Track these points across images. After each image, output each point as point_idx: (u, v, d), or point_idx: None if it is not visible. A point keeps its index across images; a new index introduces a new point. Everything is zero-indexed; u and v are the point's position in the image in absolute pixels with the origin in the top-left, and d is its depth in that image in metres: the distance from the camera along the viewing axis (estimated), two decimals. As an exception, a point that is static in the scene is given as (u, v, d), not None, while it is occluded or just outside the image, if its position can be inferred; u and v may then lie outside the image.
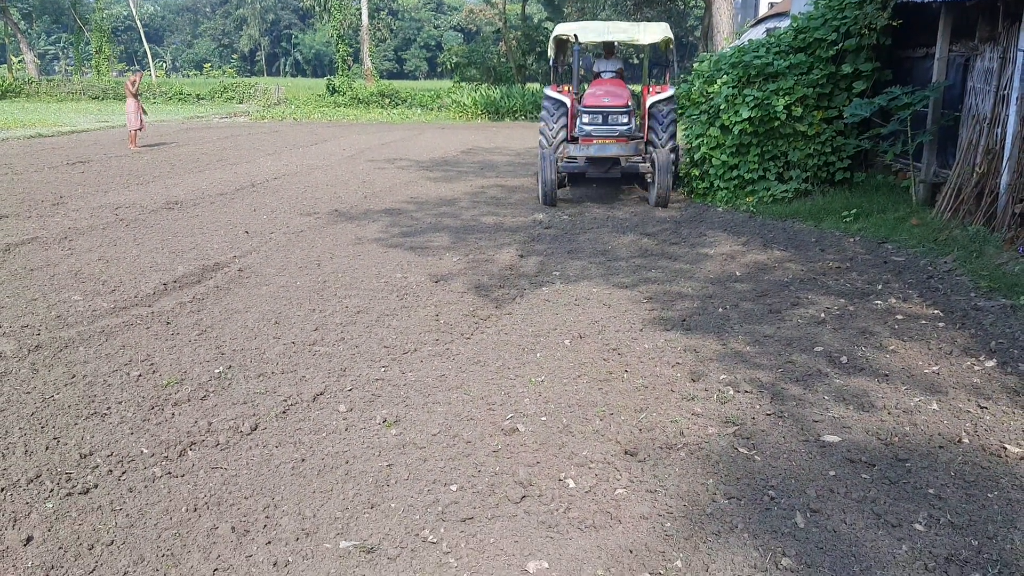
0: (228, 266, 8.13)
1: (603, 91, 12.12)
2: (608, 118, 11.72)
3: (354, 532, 3.49)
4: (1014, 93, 8.38)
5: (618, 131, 11.75)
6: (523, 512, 3.64)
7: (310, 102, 41.06)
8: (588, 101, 11.86)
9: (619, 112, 11.76)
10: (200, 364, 5.48)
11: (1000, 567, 3.21)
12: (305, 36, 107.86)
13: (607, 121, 11.73)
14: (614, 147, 11.72)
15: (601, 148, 11.71)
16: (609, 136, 11.75)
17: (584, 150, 11.76)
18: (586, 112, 11.79)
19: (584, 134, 11.78)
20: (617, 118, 11.75)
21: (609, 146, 11.72)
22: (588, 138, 11.78)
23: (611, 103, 11.75)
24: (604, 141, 11.72)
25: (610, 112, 11.71)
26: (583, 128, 11.80)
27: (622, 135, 11.79)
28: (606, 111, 11.73)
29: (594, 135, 11.75)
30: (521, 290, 7.30)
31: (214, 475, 4.01)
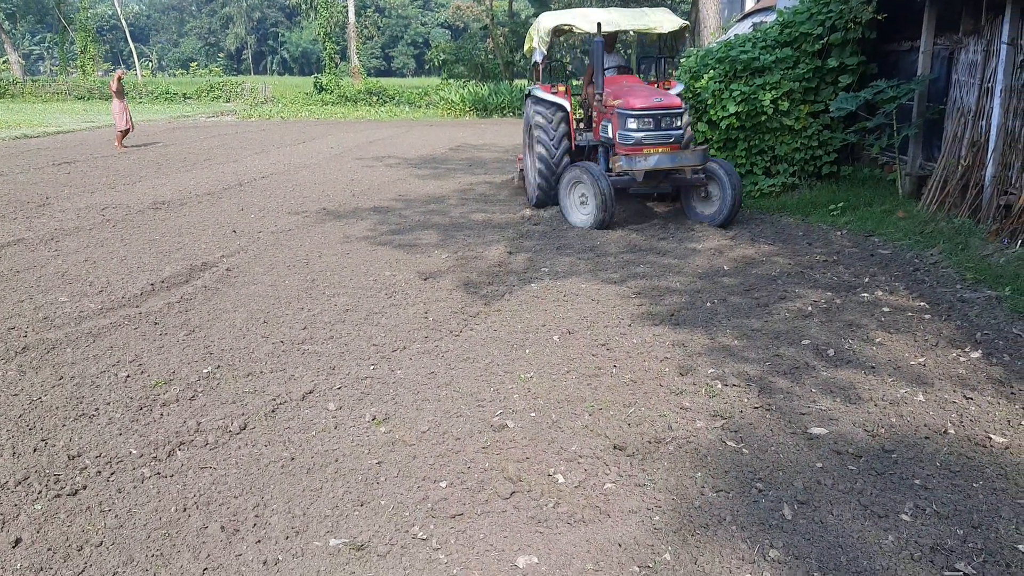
0: (216, 266, 8.11)
1: (644, 90, 10.04)
2: (662, 122, 9.55)
3: (344, 530, 3.50)
4: (998, 86, 8.43)
5: (673, 137, 9.58)
6: (512, 508, 3.65)
7: (297, 100, 40.94)
8: (636, 102, 9.51)
9: (675, 114, 9.59)
10: (188, 364, 5.47)
11: (985, 556, 3.24)
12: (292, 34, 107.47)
13: (661, 126, 9.56)
14: (679, 157, 9.50)
15: (663, 159, 9.43)
16: (664, 144, 9.54)
17: (641, 162, 9.44)
18: (635, 116, 9.50)
19: (632, 143, 9.53)
20: (672, 122, 9.60)
21: (674, 156, 9.49)
22: (638, 148, 9.52)
23: (666, 104, 9.53)
24: (658, 151, 9.48)
25: (664, 115, 9.53)
26: (629, 136, 9.55)
27: (676, 142, 9.64)
28: (660, 114, 9.51)
29: (645, 143, 9.50)
30: (510, 286, 7.31)
31: (203, 475, 4.01)
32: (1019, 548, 3.28)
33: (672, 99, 9.57)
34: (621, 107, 9.65)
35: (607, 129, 10.07)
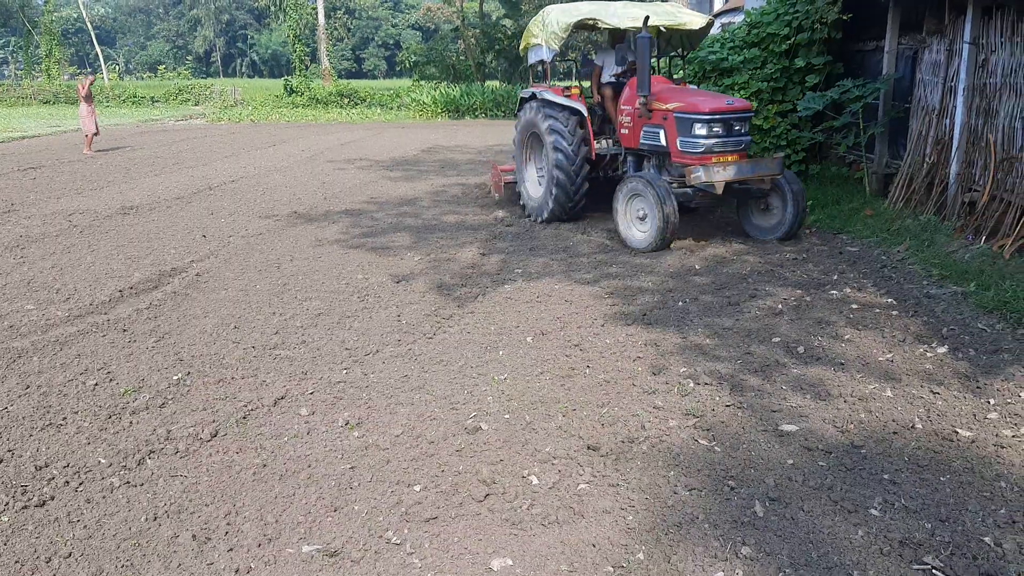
0: (185, 271, 8.03)
1: (699, 92, 9.33)
2: (734, 127, 8.53)
3: (317, 536, 3.48)
4: (961, 85, 8.56)
5: (743, 144, 8.64)
6: (487, 510, 3.65)
7: (268, 103, 40.63)
8: (704, 105, 8.46)
9: (745, 118, 8.66)
10: (158, 371, 5.41)
11: (952, 548, 3.29)
12: (261, 36, 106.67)
13: (732, 131, 8.53)
14: (758, 166, 8.52)
15: (742, 168, 8.39)
16: (735, 151, 8.58)
17: (719, 173, 8.30)
18: (704, 121, 8.42)
19: (700, 151, 8.46)
20: (743, 127, 8.66)
21: (752, 165, 8.51)
22: (705, 156, 8.48)
23: (738, 107, 8.52)
24: (728, 159, 8.49)
25: (736, 119, 8.53)
26: (697, 144, 8.46)
27: (746, 148, 8.75)
28: (732, 118, 8.50)
29: (715, 151, 8.48)
30: (483, 288, 7.31)
31: (174, 483, 3.97)
32: (985, 540, 3.34)
33: (743, 101, 8.62)
34: (684, 110, 8.52)
35: (656, 136, 8.98)
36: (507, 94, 34.90)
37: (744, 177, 8.40)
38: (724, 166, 8.30)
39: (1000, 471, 3.90)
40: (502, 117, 33.25)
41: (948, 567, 3.17)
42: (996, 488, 3.76)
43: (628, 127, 9.56)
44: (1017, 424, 4.38)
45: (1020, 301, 6.14)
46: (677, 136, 8.63)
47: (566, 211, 10.09)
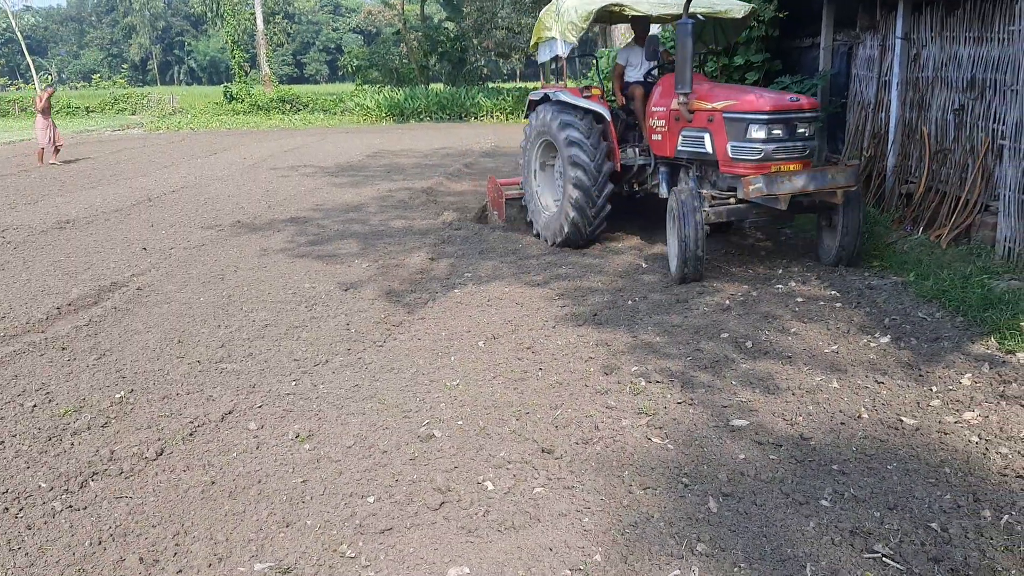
0: (126, 285, 7.83)
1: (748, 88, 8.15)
2: (797, 129, 7.13)
3: (269, 553, 3.41)
4: (894, 79, 8.77)
5: (808, 149, 7.25)
6: (442, 519, 3.62)
7: (207, 111, 39.89)
8: (762, 103, 7.12)
9: (811, 119, 7.24)
10: (99, 390, 5.26)
11: (901, 536, 3.35)
12: (199, 43, 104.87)
13: (796, 135, 7.13)
14: (828, 176, 7.06)
15: (811, 178, 7.00)
16: (800, 158, 7.18)
17: (785, 184, 6.90)
18: (763, 121, 7.02)
19: (758, 158, 7.08)
20: (808, 129, 7.23)
21: (821, 175, 7.06)
22: (764, 165, 7.08)
23: (803, 104, 7.13)
24: (791, 167, 7.10)
25: (800, 119, 7.12)
26: (754, 149, 7.08)
27: (812, 155, 7.36)
28: (795, 118, 7.09)
29: (776, 157, 7.09)
30: (433, 293, 7.26)
31: (119, 505, 3.85)
32: (932, 526, 3.41)
33: (809, 99, 7.27)
34: (736, 109, 7.18)
35: (699, 142, 7.60)
36: (452, 97, 34.84)
37: (816, 189, 6.98)
38: (789, 176, 6.91)
39: (944, 457, 4.00)
40: (447, 120, 33.18)
41: (897, 554, 3.23)
42: (941, 474, 3.84)
43: (661, 132, 8.23)
44: (959, 411, 4.49)
45: (958, 290, 6.31)
46: (728, 141, 7.20)
47: (583, 235, 8.64)
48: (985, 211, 7.38)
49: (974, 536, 3.33)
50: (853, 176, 7.14)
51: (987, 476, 3.81)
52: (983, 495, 3.64)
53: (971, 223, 7.47)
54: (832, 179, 7.04)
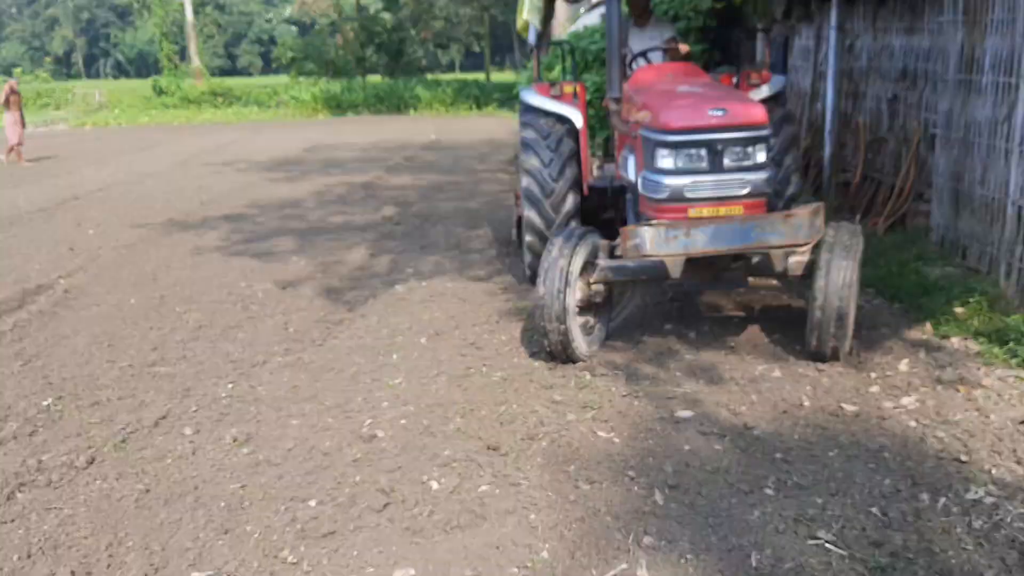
0: (52, 288, 7.53)
1: (696, 91, 5.57)
2: (724, 155, 5.03)
3: (207, 562, 3.30)
4: (830, 69, 8.94)
5: (747, 185, 5.07)
6: (386, 520, 3.55)
7: (136, 105, 38.70)
8: (672, 117, 5.11)
9: (749, 140, 5.06)
10: (25, 397, 5.04)
11: (843, 522, 3.40)
12: (125, 35, 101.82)
13: (722, 163, 5.03)
14: (757, 229, 4.85)
15: (723, 233, 4.86)
16: (727, 198, 5.07)
17: (675, 241, 4.85)
18: (669, 144, 5.08)
19: (666, 197, 5.11)
20: (745, 154, 5.07)
21: (746, 227, 4.85)
22: (677, 205, 5.09)
23: (733, 119, 5.03)
24: (719, 209, 5.05)
25: (728, 141, 5.02)
26: (660, 184, 5.11)
27: (754, 194, 5.12)
28: (719, 139, 5.01)
29: (691, 196, 5.07)
30: (374, 290, 7.15)
31: (48, 517, 3.69)
32: (873, 511, 3.46)
33: (746, 108, 5.11)
34: (648, 125, 5.23)
35: (627, 166, 5.79)
36: (390, 89, 34.48)
37: (730, 250, 4.88)
38: (687, 229, 4.79)
39: (883, 443, 4.07)
40: (385, 112, 32.82)
41: (840, 540, 3.27)
42: (880, 459, 3.91)
43: (617, 147, 6.38)
44: (897, 396, 4.58)
45: (895, 277, 6.44)
46: (641, 169, 5.35)
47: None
48: (919, 199, 7.56)
49: (913, 519, 3.39)
50: (804, 229, 4.75)
51: (924, 460, 3.88)
52: (921, 479, 3.71)
53: (906, 211, 7.65)
54: (761, 234, 4.76)
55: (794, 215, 4.84)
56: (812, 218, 4.82)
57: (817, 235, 4.83)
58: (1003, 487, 3.61)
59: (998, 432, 4.10)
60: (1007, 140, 5.87)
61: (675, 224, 4.86)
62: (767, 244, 4.83)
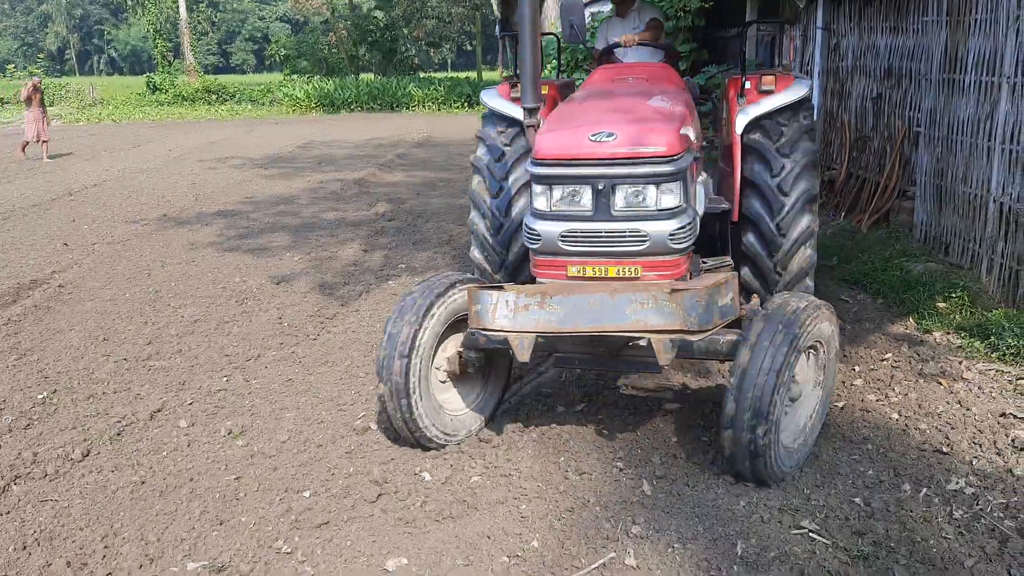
0: (47, 283, 7.56)
1: (600, 98, 4.59)
2: (614, 194, 3.86)
3: (202, 552, 3.35)
4: (816, 68, 9.02)
5: (649, 238, 3.86)
6: (380, 511, 3.61)
7: (130, 102, 38.67)
8: (544, 142, 4.00)
9: (648, 175, 3.84)
10: (21, 391, 5.08)
11: (827, 512, 3.47)
12: (119, 32, 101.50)
13: (609, 207, 3.87)
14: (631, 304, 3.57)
15: (583, 308, 3.63)
16: (622, 254, 3.92)
17: (521, 316, 3.72)
18: (542, 179, 4.00)
19: (544, 248, 4.04)
20: (643, 194, 3.86)
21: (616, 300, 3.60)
22: (558, 261, 4.02)
23: (622, 142, 3.86)
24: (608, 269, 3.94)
25: (619, 176, 3.85)
26: (534, 231, 4.01)
27: (659, 251, 3.90)
28: (603, 172, 3.86)
29: (569, 249, 3.97)
30: (367, 285, 7.20)
31: (44, 509, 3.74)
32: (856, 501, 3.54)
33: (645, 132, 3.90)
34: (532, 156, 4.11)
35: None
36: (383, 87, 34.50)
37: (589, 330, 3.65)
38: (544, 298, 3.69)
39: (866, 434, 4.15)
40: (378, 110, 32.84)
41: (823, 529, 3.34)
42: (864, 451, 3.99)
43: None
44: (880, 389, 4.67)
45: (879, 272, 6.53)
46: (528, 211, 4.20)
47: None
48: (903, 196, 7.65)
49: (895, 509, 3.47)
50: (703, 310, 3.52)
51: (907, 451, 3.96)
52: (903, 470, 3.79)
53: (890, 208, 7.74)
54: (640, 312, 3.54)
55: (688, 290, 3.50)
56: (712, 295, 3.52)
57: (722, 318, 3.58)
58: (983, 478, 3.69)
59: (979, 424, 4.18)
60: (989, 138, 5.96)
61: (529, 291, 3.70)
62: (646, 327, 3.50)
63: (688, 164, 3.95)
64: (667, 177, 3.82)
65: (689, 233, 3.91)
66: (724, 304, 3.63)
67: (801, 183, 4.78)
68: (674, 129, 3.92)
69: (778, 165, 4.81)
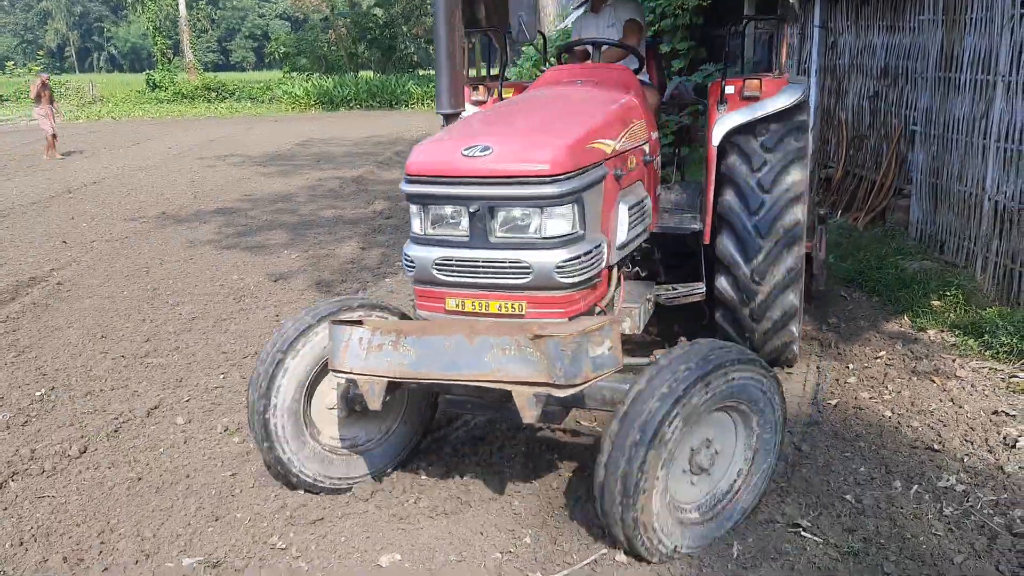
0: (45, 280, 7.59)
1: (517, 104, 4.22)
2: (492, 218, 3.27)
3: (198, 548, 3.38)
4: (813, 66, 9.03)
5: (531, 271, 3.25)
6: (374, 507, 3.63)
7: (129, 99, 38.65)
8: (412, 155, 3.47)
9: (527, 197, 3.22)
10: (19, 388, 5.11)
11: (820, 509, 3.50)
12: (119, 29, 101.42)
13: (486, 232, 3.28)
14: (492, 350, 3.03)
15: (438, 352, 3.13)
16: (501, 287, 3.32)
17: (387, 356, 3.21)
18: (413, 198, 3.44)
19: (419, 277, 3.48)
20: (524, 219, 3.26)
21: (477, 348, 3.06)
22: (436, 292, 3.45)
23: (498, 158, 3.24)
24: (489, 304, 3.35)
25: (494, 198, 3.25)
26: (407, 257, 3.48)
27: (543, 285, 3.27)
28: (475, 192, 3.26)
29: (448, 280, 3.39)
30: (364, 283, 7.22)
31: (41, 505, 3.77)
32: (847, 498, 3.56)
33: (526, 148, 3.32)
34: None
35: None
36: (382, 84, 34.50)
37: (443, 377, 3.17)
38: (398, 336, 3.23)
39: (859, 432, 4.17)
40: (377, 108, 32.84)
41: (815, 526, 3.36)
42: (856, 448, 4.01)
43: None
44: (873, 387, 4.69)
45: (874, 271, 6.55)
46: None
47: None
48: (899, 195, 7.67)
49: (886, 506, 3.49)
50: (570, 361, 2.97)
51: (899, 449, 3.99)
52: (895, 467, 3.81)
53: (886, 206, 7.75)
54: (501, 361, 3.02)
55: (552, 337, 2.93)
56: (581, 343, 2.96)
57: (596, 371, 3.02)
58: (974, 475, 3.72)
59: (971, 421, 4.20)
60: (984, 137, 5.98)
61: (385, 328, 3.23)
62: (508, 377, 2.99)
63: (589, 183, 3.33)
64: (551, 200, 3.18)
65: (586, 265, 3.29)
66: (599, 355, 3.02)
67: (785, 218, 4.32)
68: (565, 144, 3.28)
69: (756, 201, 4.35)
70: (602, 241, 3.44)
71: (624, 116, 3.96)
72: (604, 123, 3.69)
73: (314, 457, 3.67)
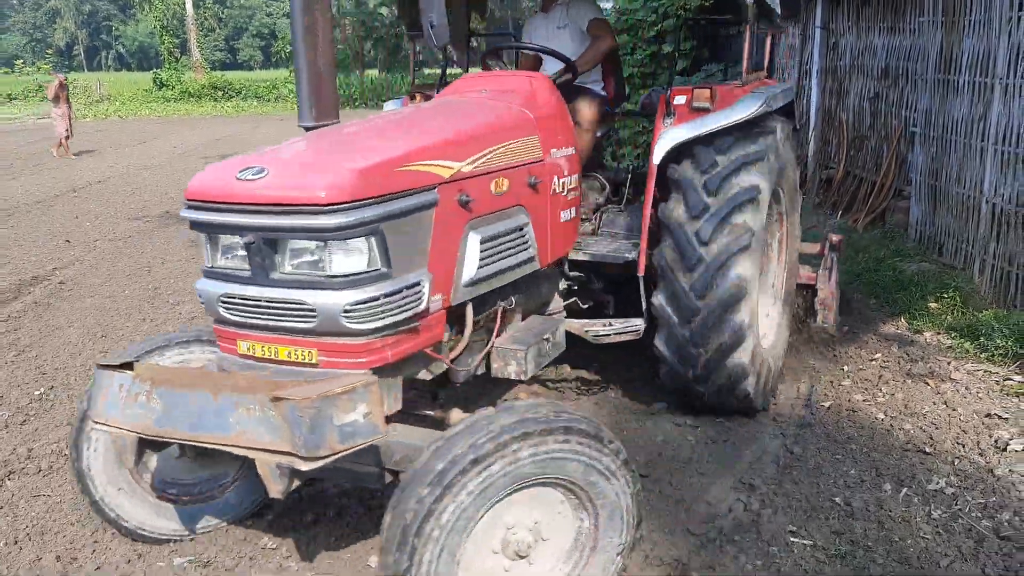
0: (48, 279, 7.64)
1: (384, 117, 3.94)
2: (275, 252, 2.78)
3: (189, 548, 3.40)
4: (815, 67, 9.03)
5: (319, 314, 2.73)
6: (365, 508, 3.65)
7: (136, 98, 38.86)
8: (194, 178, 3.00)
9: (310, 229, 2.68)
10: (18, 387, 5.15)
11: (808, 511, 3.50)
12: (127, 28, 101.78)
13: (269, 268, 2.79)
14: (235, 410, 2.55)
15: (182, 409, 2.65)
16: (289, 330, 2.83)
17: (140, 407, 2.71)
18: (189, 220, 2.94)
19: (208, 312, 3.03)
20: (312, 255, 2.77)
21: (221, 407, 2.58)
22: (228, 332, 2.97)
23: (273, 184, 2.72)
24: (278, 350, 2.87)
25: (272, 229, 2.73)
26: (197, 290, 3.03)
27: (334, 331, 2.76)
28: (251, 222, 2.74)
29: (235, 320, 2.91)
30: (363, 283, 7.24)
31: (36, 504, 3.80)
32: (836, 500, 3.57)
33: (305, 174, 2.81)
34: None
35: None
36: (386, 83, 34.56)
37: (186, 437, 2.68)
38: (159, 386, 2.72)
39: (851, 434, 4.18)
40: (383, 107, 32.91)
41: (803, 529, 3.37)
42: (848, 450, 4.02)
43: None
44: (867, 389, 4.70)
45: (872, 272, 6.55)
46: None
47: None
48: (898, 196, 7.66)
49: (875, 509, 3.50)
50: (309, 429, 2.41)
51: (890, 451, 3.99)
52: (885, 469, 3.82)
53: (886, 207, 7.75)
54: (244, 423, 2.55)
55: (290, 401, 2.42)
56: (324, 408, 2.43)
57: (345, 442, 2.46)
58: (964, 478, 3.72)
59: (963, 424, 4.21)
60: (983, 139, 5.97)
61: (144, 375, 2.78)
62: (252, 443, 2.54)
63: (398, 212, 2.82)
64: (333, 232, 2.67)
65: (388, 308, 2.78)
66: (347, 422, 2.47)
67: (729, 275, 3.86)
68: (355, 168, 2.75)
69: (692, 257, 3.89)
70: (423, 279, 2.92)
71: (493, 133, 3.47)
72: (445, 142, 3.19)
73: (146, 508, 3.35)
